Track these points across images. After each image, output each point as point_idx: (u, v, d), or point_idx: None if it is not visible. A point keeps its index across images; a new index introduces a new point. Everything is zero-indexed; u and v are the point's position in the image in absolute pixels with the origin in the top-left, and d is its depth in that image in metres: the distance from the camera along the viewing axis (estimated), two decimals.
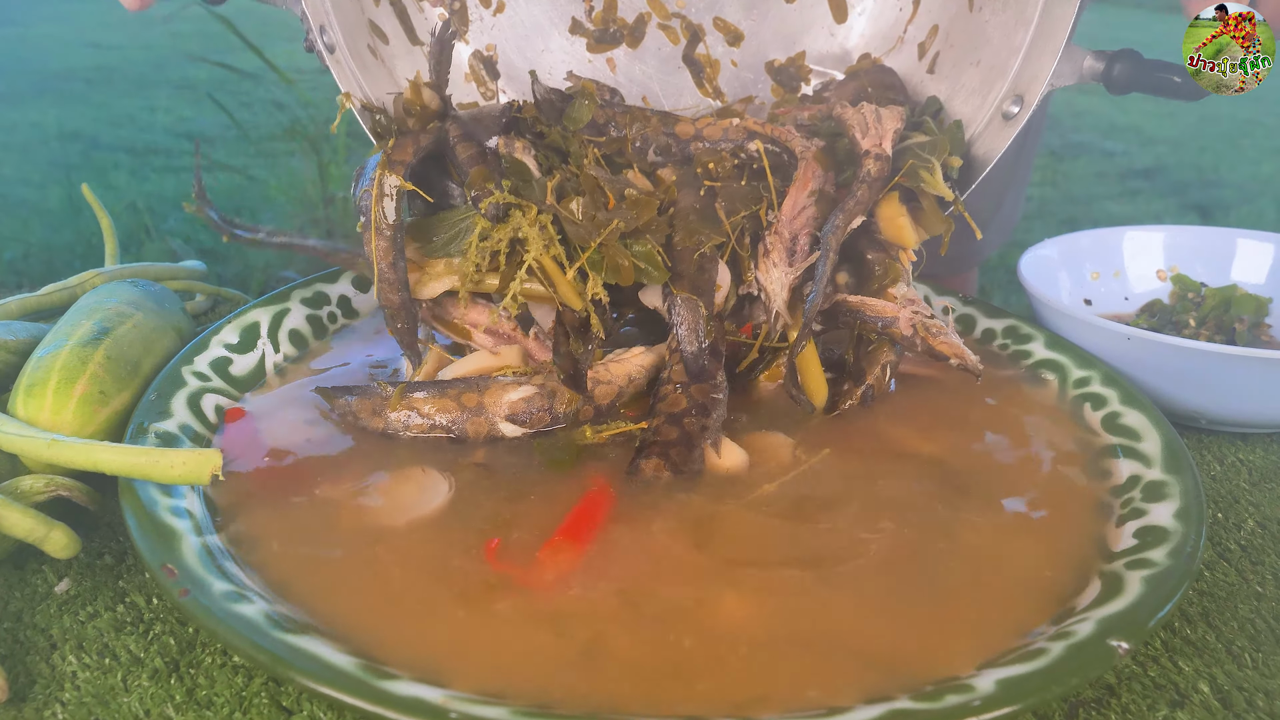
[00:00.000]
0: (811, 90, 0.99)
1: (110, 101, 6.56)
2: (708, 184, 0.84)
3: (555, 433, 0.75)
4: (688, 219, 0.82)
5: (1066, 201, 5.28)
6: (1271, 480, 0.83)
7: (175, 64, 7.56)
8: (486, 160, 0.80)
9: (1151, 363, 0.85)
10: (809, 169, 0.82)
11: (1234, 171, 5.98)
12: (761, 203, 0.83)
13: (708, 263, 0.81)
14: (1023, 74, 0.83)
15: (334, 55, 0.89)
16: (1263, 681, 0.61)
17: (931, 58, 0.92)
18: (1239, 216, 4.88)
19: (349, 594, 0.59)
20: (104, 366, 0.73)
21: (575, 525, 0.66)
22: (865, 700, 0.50)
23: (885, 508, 0.69)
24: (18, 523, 0.61)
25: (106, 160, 5.33)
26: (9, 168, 5.17)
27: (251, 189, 4.65)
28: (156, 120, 6.20)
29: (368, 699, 0.48)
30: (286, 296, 0.90)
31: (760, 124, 0.86)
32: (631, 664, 0.55)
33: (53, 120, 6.12)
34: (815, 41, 0.97)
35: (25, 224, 3.76)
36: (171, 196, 4.66)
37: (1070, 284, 1.04)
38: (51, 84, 6.94)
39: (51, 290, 0.91)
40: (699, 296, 0.79)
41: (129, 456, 0.62)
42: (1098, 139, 6.80)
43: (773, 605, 0.59)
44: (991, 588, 0.62)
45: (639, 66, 1.00)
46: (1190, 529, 0.63)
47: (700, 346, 0.77)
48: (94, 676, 0.59)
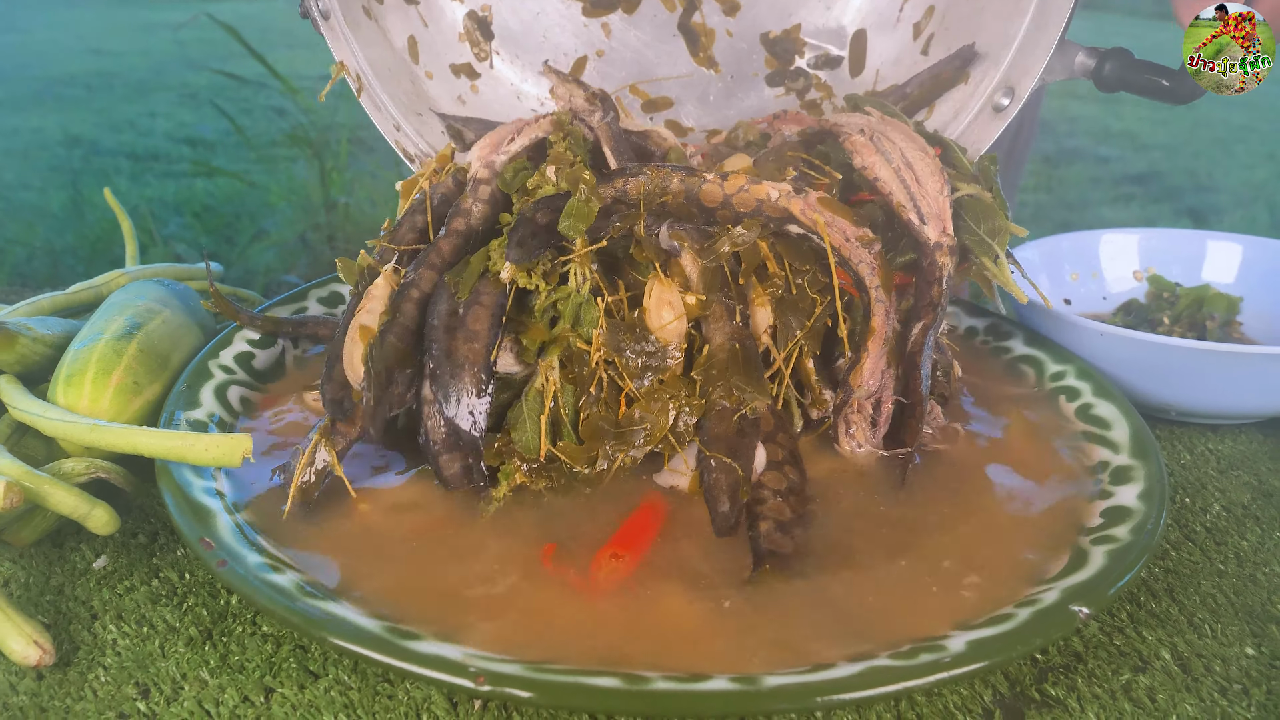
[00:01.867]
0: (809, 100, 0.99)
1: (111, 107, 6.59)
2: (754, 304, 0.75)
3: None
4: (725, 371, 0.71)
5: (1060, 206, 5.32)
6: (1238, 468, 0.88)
7: (175, 70, 7.59)
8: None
9: (1124, 358, 0.89)
10: (882, 310, 0.73)
11: (1228, 177, 6.02)
12: (815, 312, 0.74)
13: (748, 425, 0.70)
14: (1016, 65, 0.83)
15: (328, 21, 0.87)
16: (1220, 649, 0.66)
17: (926, 39, 0.93)
18: (1232, 222, 4.92)
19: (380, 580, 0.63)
20: (137, 359, 0.78)
21: (628, 536, 0.66)
22: (848, 658, 0.55)
23: (878, 498, 0.73)
24: (63, 500, 0.65)
25: (107, 165, 5.36)
26: (11, 172, 5.20)
27: (252, 195, 4.68)
28: (157, 126, 6.23)
29: (393, 655, 0.53)
30: (304, 295, 0.95)
31: (803, 201, 0.74)
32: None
33: (54, 125, 6.15)
34: (811, 15, 0.98)
35: (29, 227, 3.80)
36: (172, 201, 4.69)
37: (1050, 285, 1.09)
38: (53, 89, 6.97)
39: (79, 289, 0.95)
40: (736, 459, 0.68)
41: (166, 440, 0.66)
42: (1091, 144, 6.84)
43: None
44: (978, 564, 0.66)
45: (634, 33, 1.00)
46: (1152, 509, 0.68)
47: (734, 507, 0.67)
48: (133, 644, 0.63)
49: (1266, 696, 0.62)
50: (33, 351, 0.80)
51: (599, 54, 1.02)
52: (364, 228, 3.63)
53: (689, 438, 0.71)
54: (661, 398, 0.71)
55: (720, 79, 1.02)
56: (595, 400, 0.71)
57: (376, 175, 4.05)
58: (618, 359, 0.71)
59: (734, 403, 0.70)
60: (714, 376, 0.71)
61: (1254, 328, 1.06)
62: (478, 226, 0.76)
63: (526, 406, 0.71)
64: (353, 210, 3.68)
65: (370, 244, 0.80)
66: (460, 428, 0.68)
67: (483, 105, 0.99)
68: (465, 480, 0.68)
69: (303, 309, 0.94)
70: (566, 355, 0.72)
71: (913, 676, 0.53)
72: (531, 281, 0.72)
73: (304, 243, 3.66)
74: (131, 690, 0.60)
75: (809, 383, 0.76)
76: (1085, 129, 7.28)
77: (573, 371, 0.72)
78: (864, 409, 0.73)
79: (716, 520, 0.67)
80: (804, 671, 0.53)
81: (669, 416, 0.71)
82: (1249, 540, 0.77)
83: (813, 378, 0.75)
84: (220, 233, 4.24)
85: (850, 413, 0.73)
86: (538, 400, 0.71)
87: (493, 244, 0.74)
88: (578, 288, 0.72)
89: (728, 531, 0.66)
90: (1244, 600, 0.71)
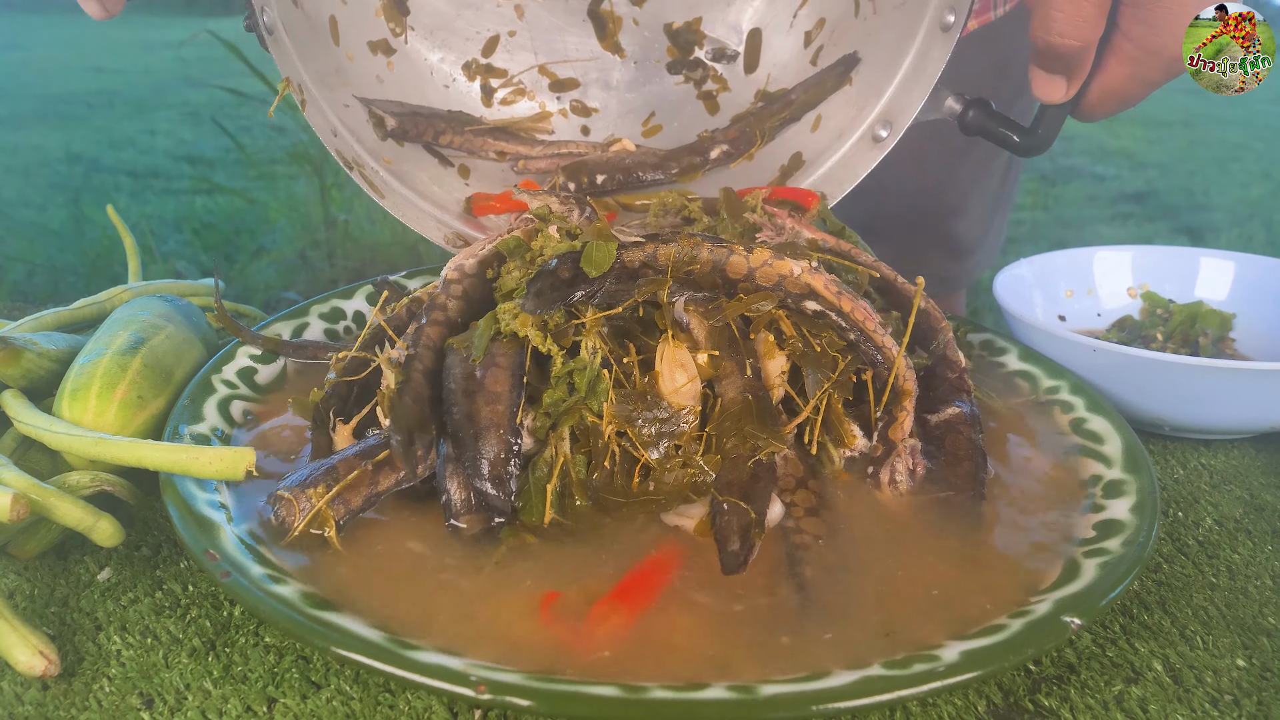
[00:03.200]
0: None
1: (111, 125, 6.63)
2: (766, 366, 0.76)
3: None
4: (738, 421, 0.72)
5: (1058, 225, 5.35)
6: (1231, 482, 0.89)
7: (176, 88, 7.63)
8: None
9: (1116, 373, 0.90)
10: (912, 375, 0.76)
11: (1224, 195, 6.05)
12: (840, 366, 0.75)
13: (763, 470, 0.70)
14: (896, 100, 0.91)
15: (273, 36, 0.86)
16: (1212, 661, 0.67)
17: (815, 50, 0.99)
18: (1229, 239, 4.95)
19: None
20: (141, 374, 0.79)
21: (631, 588, 0.64)
22: (846, 667, 0.55)
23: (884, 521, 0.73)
24: (69, 512, 0.66)
25: (107, 182, 5.39)
26: (12, 189, 5.23)
27: (251, 211, 4.70)
28: (157, 143, 6.27)
29: (395, 664, 0.53)
30: (306, 311, 0.96)
31: (825, 278, 0.75)
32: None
33: (55, 143, 6.18)
34: (712, 10, 1.04)
35: (29, 244, 3.82)
36: (172, 219, 4.72)
37: (1045, 302, 1.10)
38: (54, 107, 7.01)
39: (83, 305, 0.96)
40: (750, 504, 0.67)
41: (170, 453, 0.67)
42: (1088, 163, 6.88)
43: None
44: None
45: (546, 16, 1.04)
46: (1143, 522, 0.69)
47: (744, 547, 0.66)
48: (137, 655, 0.64)
49: (1257, 707, 0.63)
50: (38, 366, 0.81)
51: (510, 34, 1.05)
52: (363, 244, 3.65)
53: (705, 489, 0.71)
54: (676, 466, 0.71)
55: (625, 64, 1.07)
56: (609, 474, 0.72)
57: None
58: (630, 430, 0.71)
59: (747, 449, 0.70)
60: (727, 429, 0.72)
61: (1247, 344, 1.07)
62: (455, 318, 0.77)
63: (534, 476, 0.70)
64: (352, 227, 3.70)
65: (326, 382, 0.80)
66: (488, 493, 0.67)
67: (399, 84, 1.01)
68: (486, 538, 0.68)
69: (304, 325, 0.95)
70: (580, 428, 0.72)
71: (908, 685, 0.53)
72: (545, 345, 0.72)
73: (303, 259, 3.68)
74: (136, 700, 0.61)
75: (840, 427, 0.76)
76: (1082, 147, 7.32)
77: (586, 445, 0.72)
78: (904, 457, 0.75)
79: (725, 558, 0.65)
80: (800, 680, 0.54)
81: (683, 483, 0.71)
82: (1240, 554, 0.78)
83: (844, 422, 0.76)
84: (220, 249, 4.26)
85: (894, 461, 0.75)
86: (546, 470, 0.70)
87: (501, 307, 0.75)
88: (589, 361, 0.72)
89: (735, 570, 0.64)
90: (1235, 613, 0.71)
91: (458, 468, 0.68)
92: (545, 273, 0.73)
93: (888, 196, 1.29)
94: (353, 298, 1.00)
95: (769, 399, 0.74)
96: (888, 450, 0.75)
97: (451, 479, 0.68)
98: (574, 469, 0.71)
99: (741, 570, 0.64)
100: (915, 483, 0.75)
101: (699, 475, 0.71)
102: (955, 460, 0.76)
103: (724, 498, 0.68)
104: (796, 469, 0.73)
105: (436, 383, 0.73)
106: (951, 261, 1.46)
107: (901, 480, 0.74)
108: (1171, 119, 8.54)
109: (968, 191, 1.42)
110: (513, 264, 0.79)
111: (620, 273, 0.74)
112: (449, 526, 0.68)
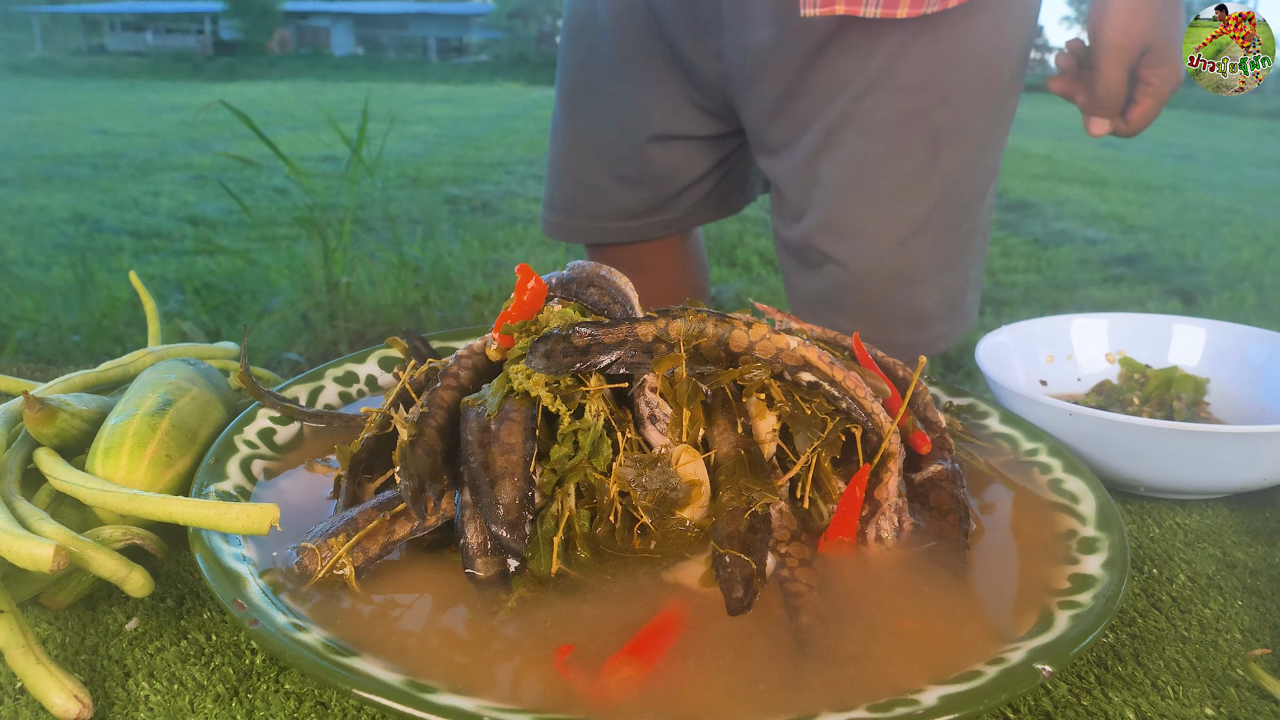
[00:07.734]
0: None
1: (116, 186, 6.72)
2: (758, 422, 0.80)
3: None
4: (733, 475, 0.76)
5: (1051, 288, 5.42)
6: (1204, 541, 0.93)
7: (180, 150, 7.73)
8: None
9: (1094, 436, 0.95)
10: (898, 440, 0.82)
11: (1214, 258, 6.14)
12: (829, 426, 0.79)
13: (759, 522, 0.74)
14: None
15: None
16: (1182, 710, 0.70)
17: None
18: (1220, 303, 5.02)
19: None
20: (169, 434, 0.83)
21: (643, 644, 0.66)
22: (834, 710, 0.59)
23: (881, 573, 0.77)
24: (104, 564, 0.70)
25: (111, 243, 5.45)
26: (17, 249, 5.28)
27: (253, 272, 4.76)
28: (160, 205, 6.36)
29: (414, 706, 0.57)
30: (321, 375, 1.01)
31: (818, 350, 0.80)
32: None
33: (60, 204, 6.26)
34: None
35: (35, 303, 3.87)
36: (174, 279, 4.78)
37: (1025, 367, 1.15)
38: (59, 169, 7.10)
39: (109, 367, 1.01)
40: (750, 555, 0.71)
41: (199, 509, 0.71)
42: (1080, 227, 6.98)
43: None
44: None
45: None
46: (1114, 577, 0.73)
47: (748, 594, 0.70)
48: (165, 700, 0.68)
49: None
50: (71, 426, 0.85)
51: None
52: (365, 306, 3.70)
53: (702, 544, 0.75)
54: (676, 529, 0.75)
55: None
56: (612, 530, 0.75)
57: (376, 255, 4.14)
58: (633, 492, 0.75)
59: (743, 502, 0.74)
60: (722, 482, 0.76)
61: (1221, 408, 1.12)
62: (467, 385, 0.83)
63: (541, 529, 0.74)
64: (354, 289, 3.75)
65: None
66: (503, 537, 0.70)
67: None
68: (500, 582, 0.72)
69: (319, 388, 1.00)
70: (585, 485, 0.76)
71: None
72: (555, 405, 0.76)
73: (306, 321, 3.73)
74: None
75: (827, 484, 0.80)
76: (1073, 211, 7.43)
77: (590, 501, 0.76)
78: (889, 515, 0.79)
79: (730, 604, 0.69)
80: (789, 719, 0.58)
81: (680, 545, 0.75)
82: (1211, 609, 0.82)
83: (833, 479, 0.80)
84: (221, 310, 4.31)
85: (879, 519, 0.79)
86: (553, 524, 0.74)
87: (513, 367, 0.79)
88: (593, 423, 0.76)
89: (740, 612, 0.69)
90: (1205, 664, 0.75)
91: (475, 513, 0.72)
92: (555, 337, 0.78)
93: (844, 270, 1.34)
94: (365, 361, 1.05)
95: (761, 454, 0.78)
96: (873, 509, 0.80)
97: (469, 524, 0.72)
98: (579, 523, 0.75)
99: (747, 610, 0.69)
100: (903, 538, 0.80)
101: (695, 534, 0.76)
102: (940, 514, 0.81)
103: (725, 550, 0.71)
104: (791, 522, 0.77)
105: (448, 439, 0.78)
106: (912, 331, 1.44)
107: (887, 536, 0.79)
108: (1161, 183, 8.68)
109: (923, 262, 1.39)
110: (521, 338, 0.84)
111: (634, 345, 0.78)
112: (466, 574, 0.72)
